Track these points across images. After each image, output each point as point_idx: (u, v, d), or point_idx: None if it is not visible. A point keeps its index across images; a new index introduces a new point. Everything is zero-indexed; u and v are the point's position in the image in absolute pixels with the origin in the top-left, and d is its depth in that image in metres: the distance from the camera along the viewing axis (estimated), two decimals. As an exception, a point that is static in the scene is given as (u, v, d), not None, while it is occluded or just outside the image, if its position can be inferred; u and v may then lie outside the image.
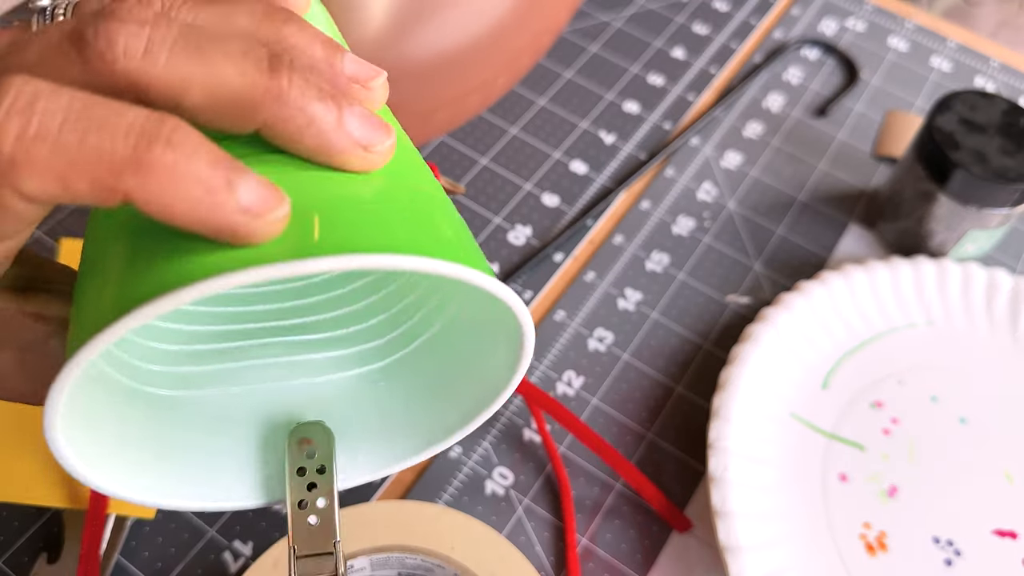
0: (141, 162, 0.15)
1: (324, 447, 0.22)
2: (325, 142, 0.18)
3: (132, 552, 0.35)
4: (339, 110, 0.18)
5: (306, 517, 0.20)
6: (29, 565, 0.35)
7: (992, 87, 0.55)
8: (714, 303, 0.44)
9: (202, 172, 0.15)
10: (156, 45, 0.16)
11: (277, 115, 0.17)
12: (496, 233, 0.46)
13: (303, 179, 0.17)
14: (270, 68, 0.17)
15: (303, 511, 0.21)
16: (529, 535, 0.37)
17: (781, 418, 0.39)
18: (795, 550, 0.36)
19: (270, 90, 0.17)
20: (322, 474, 0.21)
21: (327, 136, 0.18)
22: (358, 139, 0.18)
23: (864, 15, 0.59)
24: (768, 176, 0.50)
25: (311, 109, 0.17)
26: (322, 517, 0.20)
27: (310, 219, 0.16)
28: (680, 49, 0.56)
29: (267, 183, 0.16)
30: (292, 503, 0.21)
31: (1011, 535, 0.37)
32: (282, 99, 0.17)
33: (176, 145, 0.15)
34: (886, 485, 0.38)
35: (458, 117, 0.44)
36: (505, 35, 0.42)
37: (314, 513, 0.21)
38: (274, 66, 0.17)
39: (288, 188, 0.17)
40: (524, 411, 0.40)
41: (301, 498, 0.21)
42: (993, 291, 0.43)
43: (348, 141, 0.18)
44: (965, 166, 0.40)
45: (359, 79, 0.19)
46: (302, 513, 0.20)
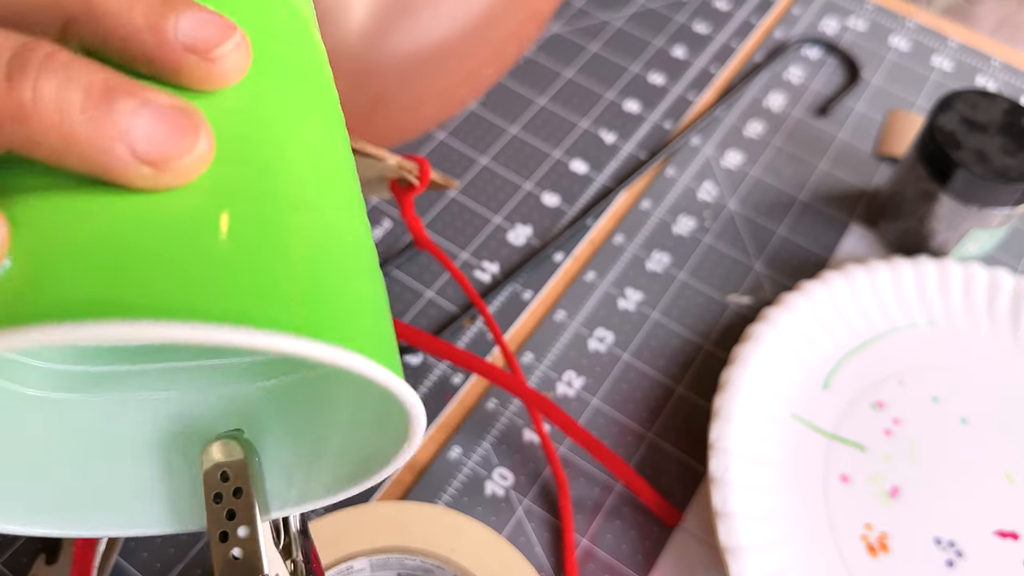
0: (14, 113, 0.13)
1: (240, 466, 0.19)
2: (100, 163, 0.13)
3: (131, 553, 0.35)
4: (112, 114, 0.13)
5: (229, 550, 0.18)
6: (28, 566, 0.35)
7: (994, 86, 0.55)
8: (715, 303, 0.44)
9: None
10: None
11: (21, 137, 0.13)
12: (496, 233, 0.46)
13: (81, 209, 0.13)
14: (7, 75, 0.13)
15: (224, 544, 0.18)
16: (529, 536, 0.37)
17: (782, 418, 0.39)
18: (796, 551, 0.36)
19: (5, 108, 0.13)
20: (239, 498, 0.18)
21: (102, 158, 0.13)
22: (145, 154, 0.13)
23: (865, 14, 0.59)
24: (769, 176, 0.50)
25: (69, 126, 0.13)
26: (245, 548, 0.18)
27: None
28: (681, 48, 0.56)
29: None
30: (212, 535, 0.18)
31: (1013, 536, 0.37)
32: (25, 117, 0.13)
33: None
34: (887, 486, 0.38)
35: (447, 110, 0.44)
36: (489, 25, 0.42)
37: (236, 544, 0.18)
38: (15, 71, 0.13)
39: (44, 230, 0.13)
40: (524, 411, 0.40)
41: (221, 529, 0.18)
42: (995, 291, 0.43)
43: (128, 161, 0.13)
44: (966, 165, 0.40)
45: (196, 47, 0.15)
46: (224, 547, 0.18)
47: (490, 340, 0.42)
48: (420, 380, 0.41)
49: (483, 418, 0.40)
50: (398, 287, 0.44)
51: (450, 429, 0.40)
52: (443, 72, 0.42)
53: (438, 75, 0.42)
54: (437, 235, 0.46)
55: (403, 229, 0.46)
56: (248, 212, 0.14)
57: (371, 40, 0.38)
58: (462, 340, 0.42)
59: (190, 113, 0.14)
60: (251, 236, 0.14)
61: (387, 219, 0.46)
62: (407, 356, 0.42)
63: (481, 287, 0.44)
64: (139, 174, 0.13)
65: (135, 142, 0.13)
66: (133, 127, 0.13)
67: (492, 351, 0.42)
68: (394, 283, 0.44)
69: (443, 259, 0.37)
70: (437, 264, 0.45)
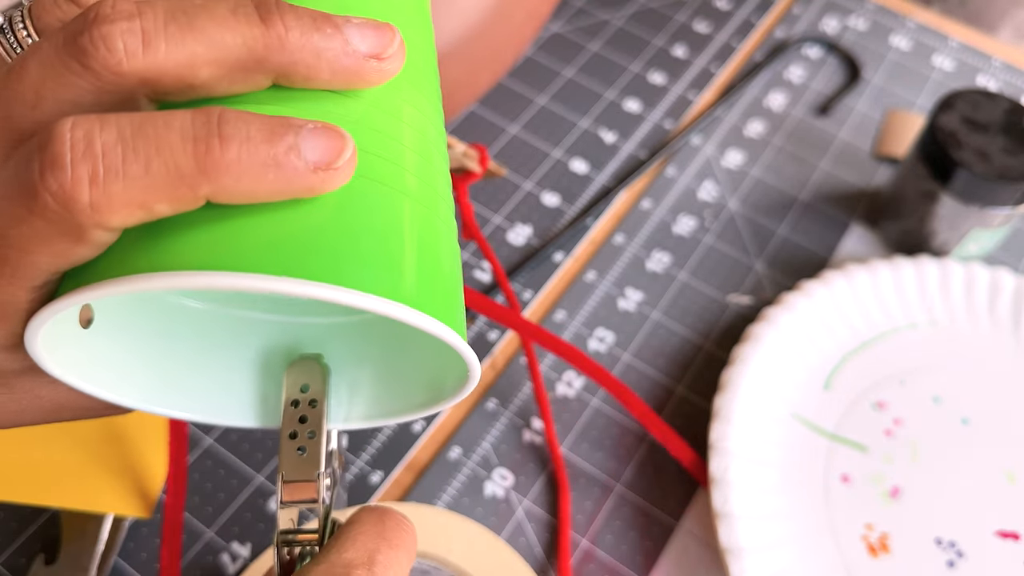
0: (207, 169, 0.16)
1: (318, 382, 0.23)
2: (340, 69, 0.18)
3: (130, 553, 0.35)
4: (340, 32, 0.18)
5: (295, 447, 0.22)
6: (27, 566, 0.35)
7: (995, 86, 0.55)
8: (715, 303, 0.44)
9: (264, 153, 0.16)
10: (151, 35, 0.16)
11: (285, 63, 0.17)
12: (496, 232, 0.46)
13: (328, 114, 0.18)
14: (262, 20, 0.17)
15: (293, 440, 0.22)
16: (529, 536, 0.37)
17: (783, 419, 0.39)
18: (797, 552, 0.36)
19: (269, 43, 0.17)
20: (314, 407, 0.22)
21: (340, 63, 0.18)
22: (367, 52, 0.18)
23: (866, 13, 0.58)
24: (769, 175, 0.50)
25: (313, 44, 0.17)
26: (310, 448, 0.22)
27: None
28: (681, 47, 0.56)
29: (324, 129, 0.17)
30: (284, 432, 0.22)
31: (1014, 536, 0.37)
32: (284, 46, 0.17)
33: (230, 137, 0.16)
34: (888, 486, 0.38)
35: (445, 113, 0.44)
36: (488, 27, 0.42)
37: (303, 444, 0.22)
38: (264, 16, 0.17)
39: None
40: (524, 411, 0.40)
41: (292, 429, 0.22)
42: (996, 291, 0.43)
43: (359, 60, 0.18)
44: (968, 165, 0.40)
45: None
46: (292, 443, 0.22)
47: (491, 340, 0.42)
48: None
49: (483, 418, 0.40)
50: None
51: (450, 429, 0.40)
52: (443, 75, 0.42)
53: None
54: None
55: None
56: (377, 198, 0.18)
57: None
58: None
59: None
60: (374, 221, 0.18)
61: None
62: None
63: (481, 287, 0.44)
64: (371, 70, 0.18)
65: (359, 44, 0.18)
66: (353, 36, 0.18)
67: (493, 351, 0.42)
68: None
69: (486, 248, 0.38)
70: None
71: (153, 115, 0.16)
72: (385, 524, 0.21)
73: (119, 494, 0.35)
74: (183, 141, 0.16)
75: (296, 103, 0.18)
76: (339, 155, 0.17)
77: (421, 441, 0.39)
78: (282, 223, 0.17)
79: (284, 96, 0.18)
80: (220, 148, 0.16)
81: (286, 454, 0.22)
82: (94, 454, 0.36)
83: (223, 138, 0.16)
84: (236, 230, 0.16)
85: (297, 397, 0.23)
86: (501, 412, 0.40)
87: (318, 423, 0.22)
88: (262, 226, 0.16)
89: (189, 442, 0.38)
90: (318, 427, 0.22)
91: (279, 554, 0.21)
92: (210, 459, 0.38)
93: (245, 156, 0.16)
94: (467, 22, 0.41)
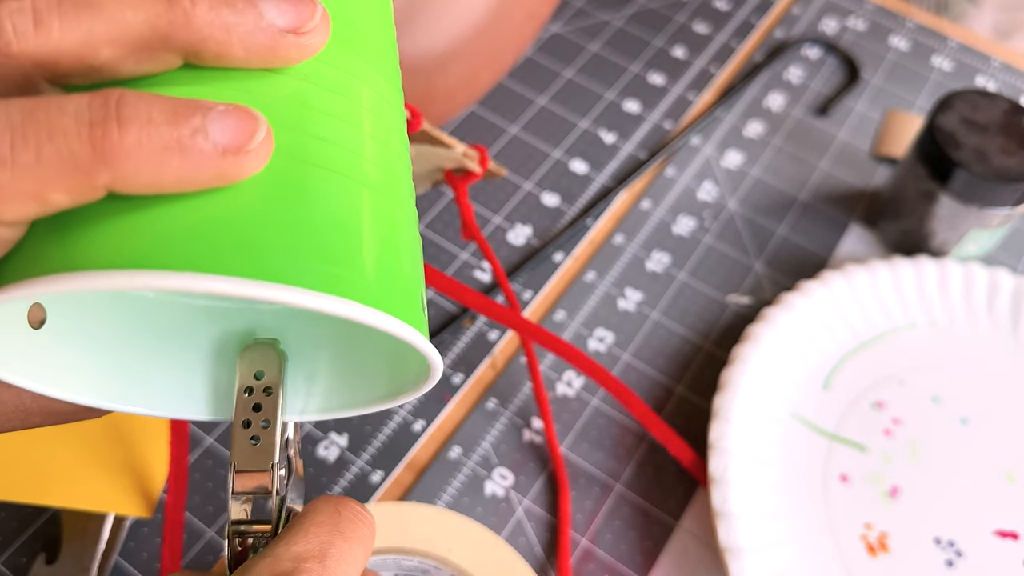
0: (104, 155, 0.14)
1: (273, 369, 0.22)
2: (254, 45, 0.16)
3: (131, 553, 0.35)
4: (253, 6, 0.16)
5: (248, 436, 0.21)
6: (28, 565, 0.35)
7: (993, 86, 0.55)
8: (715, 303, 0.44)
9: (167, 137, 0.15)
10: (43, 13, 0.15)
11: (193, 40, 0.16)
12: (496, 233, 0.46)
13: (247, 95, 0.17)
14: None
15: (246, 430, 0.21)
16: (529, 536, 0.37)
17: (782, 419, 0.39)
18: (796, 551, 0.36)
19: (174, 19, 0.16)
20: (269, 395, 0.21)
21: (254, 39, 0.16)
22: (284, 26, 0.17)
23: (865, 14, 0.59)
24: (769, 176, 0.50)
25: (223, 20, 0.16)
26: (264, 438, 0.21)
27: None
28: (681, 48, 0.56)
29: (235, 110, 0.15)
30: (236, 420, 0.21)
31: (1012, 536, 0.37)
32: (191, 22, 0.16)
33: (129, 121, 0.15)
34: (887, 486, 0.38)
35: (446, 113, 0.44)
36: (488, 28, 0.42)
37: (256, 433, 0.21)
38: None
39: None
40: (524, 411, 0.40)
41: (246, 417, 0.21)
42: (995, 291, 0.43)
43: (275, 35, 0.16)
44: (966, 165, 0.40)
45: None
46: (245, 432, 0.21)
47: (491, 340, 0.42)
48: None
49: (483, 418, 0.40)
50: (398, 287, 0.44)
51: (450, 429, 0.40)
52: (442, 77, 0.42)
53: (436, 80, 0.42)
54: (437, 235, 0.46)
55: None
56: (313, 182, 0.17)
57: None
58: (462, 340, 0.42)
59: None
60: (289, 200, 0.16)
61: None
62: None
63: (481, 287, 0.44)
64: (289, 45, 0.17)
65: (276, 19, 0.16)
66: (270, 10, 0.16)
67: (493, 350, 0.42)
68: (394, 283, 0.44)
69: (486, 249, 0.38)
70: (437, 263, 0.45)
71: (47, 99, 0.15)
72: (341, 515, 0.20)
73: (120, 493, 0.35)
74: (78, 126, 0.14)
75: (214, 83, 0.17)
76: (251, 137, 0.15)
77: (422, 441, 0.39)
78: (196, 213, 0.15)
79: (200, 76, 0.17)
80: (118, 132, 0.14)
81: (239, 443, 0.21)
82: (95, 453, 0.36)
83: (121, 121, 0.15)
84: (143, 222, 0.15)
85: (251, 384, 0.22)
86: (501, 412, 0.40)
87: (273, 412, 0.21)
88: (174, 217, 0.15)
89: (190, 441, 0.38)
90: (273, 416, 0.21)
91: (230, 545, 0.21)
92: (211, 458, 0.38)
93: (146, 140, 0.15)
94: (467, 23, 0.41)
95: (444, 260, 0.45)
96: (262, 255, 0.15)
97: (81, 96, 0.15)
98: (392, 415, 0.40)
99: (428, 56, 0.40)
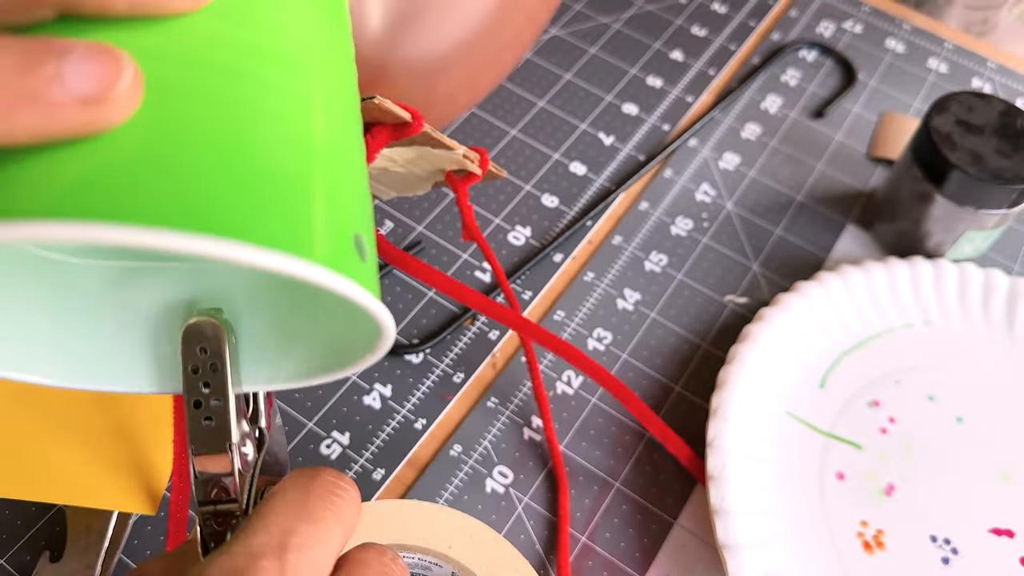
0: None
1: (217, 344, 0.20)
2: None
3: (135, 550, 0.36)
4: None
5: (201, 416, 0.20)
6: (32, 563, 0.35)
7: (989, 88, 0.55)
8: (712, 303, 0.45)
9: (17, 86, 0.13)
10: None
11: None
12: (496, 234, 0.47)
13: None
14: None
15: (198, 410, 0.20)
16: (529, 533, 0.37)
17: (779, 417, 0.40)
18: (793, 548, 0.36)
19: None
20: (215, 372, 0.20)
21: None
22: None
23: (861, 17, 0.59)
24: (766, 177, 0.50)
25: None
26: (217, 417, 0.20)
27: None
28: (679, 51, 0.56)
29: (97, 52, 0.14)
30: (187, 401, 0.20)
31: (1008, 533, 0.37)
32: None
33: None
34: (883, 484, 0.38)
35: (446, 117, 0.45)
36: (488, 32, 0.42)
37: (209, 413, 0.20)
38: None
39: None
40: (524, 410, 0.41)
41: (196, 397, 0.20)
42: (990, 291, 0.43)
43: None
44: (962, 167, 0.41)
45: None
46: (197, 412, 0.20)
47: (492, 339, 0.43)
48: (421, 379, 0.41)
49: (483, 417, 0.40)
50: (399, 286, 0.44)
51: (451, 427, 0.40)
52: (443, 80, 0.42)
53: (438, 83, 0.42)
54: (438, 236, 0.46)
55: (405, 230, 0.46)
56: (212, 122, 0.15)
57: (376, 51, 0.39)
58: (463, 340, 0.43)
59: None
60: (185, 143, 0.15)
61: (388, 220, 0.47)
62: (408, 356, 0.42)
63: (482, 287, 0.45)
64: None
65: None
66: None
67: (493, 350, 0.42)
68: (395, 282, 0.44)
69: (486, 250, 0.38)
70: (438, 264, 0.45)
71: None
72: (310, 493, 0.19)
73: (124, 491, 0.36)
74: None
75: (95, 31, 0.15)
76: (114, 82, 0.14)
77: (423, 439, 0.40)
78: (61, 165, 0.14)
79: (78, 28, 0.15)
80: None
81: (193, 424, 0.20)
82: (99, 451, 0.36)
83: None
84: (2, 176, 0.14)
85: (197, 362, 0.20)
86: (501, 410, 0.41)
87: (222, 389, 0.20)
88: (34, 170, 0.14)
89: (193, 440, 0.38)
90: (223, 393, 0.20)
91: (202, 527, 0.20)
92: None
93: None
94: (468, 26, 0.41)
95: (445, 261, 0.45)
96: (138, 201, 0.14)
97: None
98: (393, 414, 0.40)
99: (429, 59, 0.41)
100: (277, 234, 0.15)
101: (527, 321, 0.38)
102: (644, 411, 0.38)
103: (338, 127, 0.18)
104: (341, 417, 0.40)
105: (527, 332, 0.38)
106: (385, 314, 0.17)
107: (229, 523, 0.20)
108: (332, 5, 0.19)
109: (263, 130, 0.16)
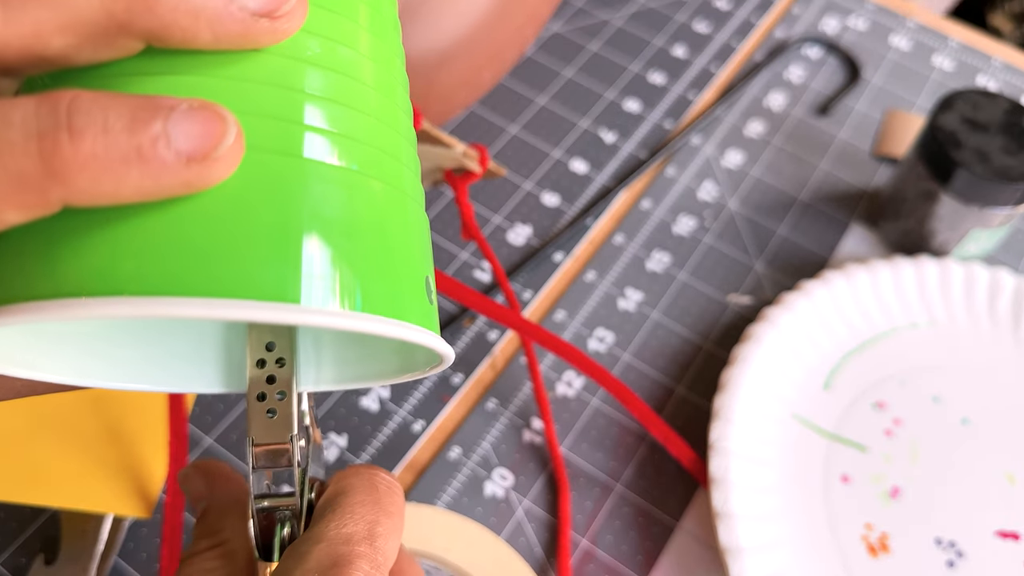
0: (56, 170, 0.13)
1: (284, 339, 0.21)
2: (224, 33, 0.15)
3: (130, 554, 0.35)
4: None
5: (264, 409, 0.20)
6: (27, 566, 0.35)
7: (994, 86, 0.55)
8: (715, 303, 0.44)
9: (125, 145, 0.13)
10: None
11: (155, 27, 0.14)
12: (496, 232, 0.46)
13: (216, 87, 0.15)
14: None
15: (261, 403, 0.20)
16: (528, 536, 0.37)
17: (782, 419, 0.39)
18: (796, 551, 0.36)
19: (132, 4, 0.14)
20: (281, 366, 0.21)
21: (223, 25, 0.15)
22: (256, 9, 0.15)
23: (866, 13, 0.58)
24: (769, 175, 0.50)
25: (189, 4, 0.14)
26: (280, 410, 0.20)
27: None
28: (681, 47, 0.56)
29: (200, 110, 0.14)
30: (251, 394, 0.20)
31: (1013, 536, 0.37)
32: (152, 7, 0.14)
33: (82, 130, 0.13)
34: (888, 486, 0.38)
35: (446, 113, 0.44)
36: (489, 28, 0.42)
37: (272, 406, 0.20)
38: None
39: None
40: (524, 411, 0.40)
41: (260, 391, 0.20)
42: (996, 291, 0.43)
43: (246, 20, 0.15)
44: (967, 165, 0.40)
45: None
46: (260, 405, 0.20)
47: (491, 340, 0.42)
48: (420, 380, 0.41)
49: (483, 418, 0.40)
50: (398, 287, 0.44)
51: (450, 429, 0.40)
52: (444, 76, 0.42)
53: (439, 79, 0.42)
54: (437, 234, 0.46)
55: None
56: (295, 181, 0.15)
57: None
58: (462, 341, 0.42)
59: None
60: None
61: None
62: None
63: (481, 287, 0.44)
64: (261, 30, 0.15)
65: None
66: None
67: (493, 350, 0.42)
68: (394, 283, 0.44)
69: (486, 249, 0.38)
70: (437, 263, 0.45)
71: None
72: (379, 490, 0.20)
73: (119, 494, 0.35)
74: (25, 139, 0.13)
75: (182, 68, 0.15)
76: (219, 141, 0.14)
77: (421, 441, 0.39)
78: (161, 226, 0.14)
79: (166, 61, 0.15)
80: (70, 144, 0.13)
81: (255, 417, 0.20)
82: (94, 454, 0.36)
83: (73, 131, 0.13)
84: (103, 239, 0.14)
85: (263, 356, 0.21)
86: (501, 412, 0.40)
87: (288, 382, 0.21)
88: (136, 232, 0.14)
89: (189, 442, 0.38)
90: (288, 387, 0.20)
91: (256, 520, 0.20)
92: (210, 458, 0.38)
93: (101, 151, 0.13)
94: (468, 22, 0.41)
95: (444, 260, 0.45)
96: (234, 269, 0.14)
97: (28, 102, 0.14)
98: (391, 416, 0.40)
99: (428, 55, 0.40)
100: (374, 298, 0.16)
101: (527, 321, 0.37)
102: (646, 412, 0.38)
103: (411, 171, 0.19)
104: (339, 418, 0.39)
105: (527, 332, 0.37)
106: (447, 348, 0.18)
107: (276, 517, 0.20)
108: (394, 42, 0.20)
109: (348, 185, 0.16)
